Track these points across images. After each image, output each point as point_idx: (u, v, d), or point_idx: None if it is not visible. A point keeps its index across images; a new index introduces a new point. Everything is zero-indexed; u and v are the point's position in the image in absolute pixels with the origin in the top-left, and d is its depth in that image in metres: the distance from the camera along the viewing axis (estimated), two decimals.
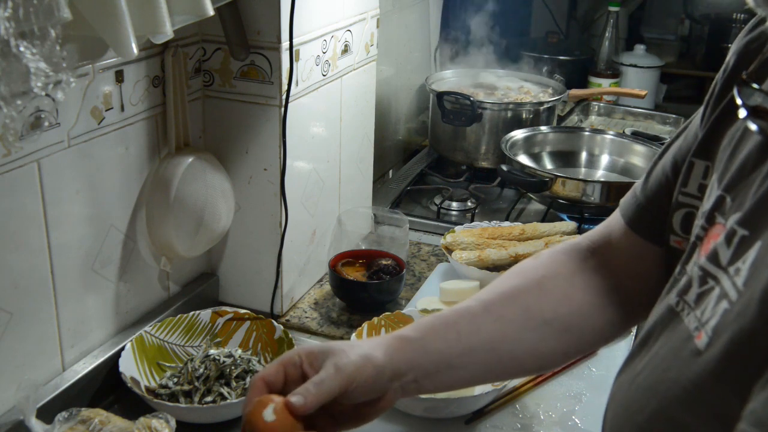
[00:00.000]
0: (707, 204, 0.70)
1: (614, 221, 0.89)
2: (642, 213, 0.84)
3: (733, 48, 0.76)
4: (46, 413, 1.01)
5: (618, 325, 0.89)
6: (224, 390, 1.13)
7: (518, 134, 1.95)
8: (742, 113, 0.63)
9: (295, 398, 0.72)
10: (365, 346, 0.78)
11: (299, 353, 0.77)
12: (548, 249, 0.93)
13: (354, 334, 1.25)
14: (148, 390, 1.15)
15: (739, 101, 0.63)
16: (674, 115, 2.55)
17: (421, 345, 0.81)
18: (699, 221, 0.70)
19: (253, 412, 0.72)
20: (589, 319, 0.87)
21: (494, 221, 1.68)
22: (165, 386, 1.15)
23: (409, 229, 1.63)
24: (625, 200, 0.88)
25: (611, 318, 0.88)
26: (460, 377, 0.83)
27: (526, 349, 0.85)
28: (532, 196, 1.85)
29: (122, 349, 1.17)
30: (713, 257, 0.63)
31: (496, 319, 0.84)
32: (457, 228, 1.63)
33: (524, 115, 2.05)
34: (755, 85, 0.63)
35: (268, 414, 0.71)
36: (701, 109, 0.79)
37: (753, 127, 0.62)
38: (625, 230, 0.86)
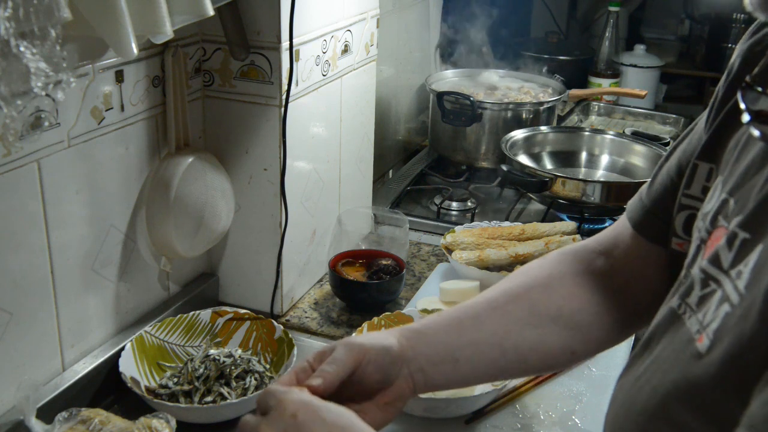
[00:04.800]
0: (708, 205, 0.69)
1: (621, 224, 0.90)
2: (647, 216, 0.85)
3: (737, 51, 0.75)
4: (46, 413, 1.01)
5: (624, 326, 0.90)
6: (224, 390, 1.13)
7: (518, 134, 1.95)
8: (746, 118, 0.62)
9: (313, 380, 0.76)
10: (373, 334, 0.84)
11: (307, 358, 0.81)
12: (556, 250, 0.94)
13: (354, 334, 1.25)
14: (148, 390, 1.15)
15: (742, 105, 0.63)
16: (674, 115, 2.55)
17: (425, 335, 0.84)
18: (702, 224, 0.69)
19: None
20: (594, 318, 0.88)
21: (494, 221, 1.68)
22: (165, 386, 1.15)
23: (409, 229, 1.63)
24: (632, 203, 0.89)
25: (617, 318, 0.88)
26: (466, 372, 0.84)
27: (531, 346, 0.85)
28: (532, 196, 1.85)
29: (122, 349, 1.17)
30: (715, 260, 0.63)
31: (501, 315, 0.85)
32: (457, 228, 1.63)
33: (524, 115, 2.05)
34: (759, 89, 0.62)
35: None
36: (706, 112, 0.79)
37: (755, 133, 0.62)
38: (632, 233, 0.87)
